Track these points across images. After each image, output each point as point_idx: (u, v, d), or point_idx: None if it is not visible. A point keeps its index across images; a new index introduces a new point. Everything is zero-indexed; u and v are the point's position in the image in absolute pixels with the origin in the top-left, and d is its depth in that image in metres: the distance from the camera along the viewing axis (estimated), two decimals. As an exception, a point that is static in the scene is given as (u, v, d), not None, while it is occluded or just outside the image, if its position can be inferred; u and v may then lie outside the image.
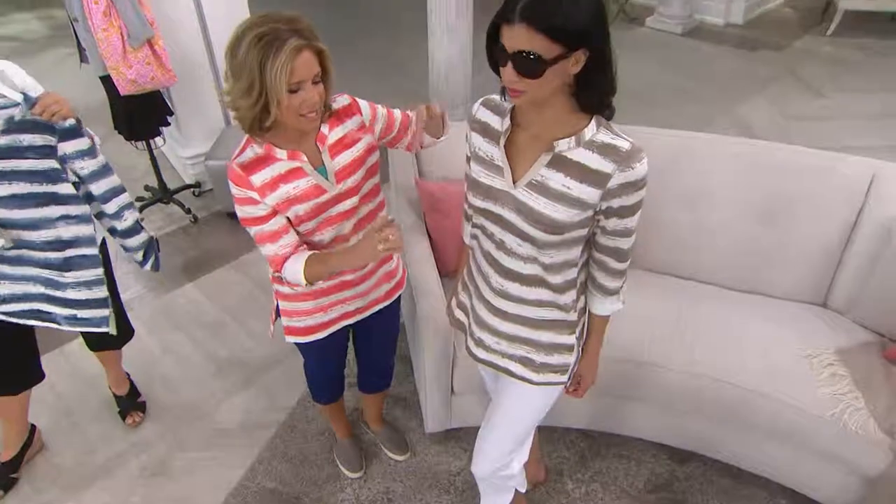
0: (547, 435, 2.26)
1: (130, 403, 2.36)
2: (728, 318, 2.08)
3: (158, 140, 3.27)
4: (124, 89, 2.85)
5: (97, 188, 1.73)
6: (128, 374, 2.39)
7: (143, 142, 3.22)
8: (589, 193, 1.14)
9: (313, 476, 2.17)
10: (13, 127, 1.53)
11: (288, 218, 1.42)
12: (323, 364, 1.89)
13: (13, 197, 1.60)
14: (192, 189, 3.62)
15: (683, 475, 2.16)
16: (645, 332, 2.02)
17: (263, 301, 2.93)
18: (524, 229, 1.19)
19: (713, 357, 1.95)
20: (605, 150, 1.12)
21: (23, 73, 1.66)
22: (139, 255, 1.93)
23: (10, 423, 2.08)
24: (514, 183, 1.19)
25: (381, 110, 1.53)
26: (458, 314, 1.55)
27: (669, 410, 2.05)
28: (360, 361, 2.00)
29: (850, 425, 1.76)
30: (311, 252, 1.44)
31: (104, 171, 1.73)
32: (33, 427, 2.21)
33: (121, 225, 1.83)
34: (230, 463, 2.22)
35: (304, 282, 1.41)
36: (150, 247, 1.95)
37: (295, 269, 1.41)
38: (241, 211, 1.41)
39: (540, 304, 1.31)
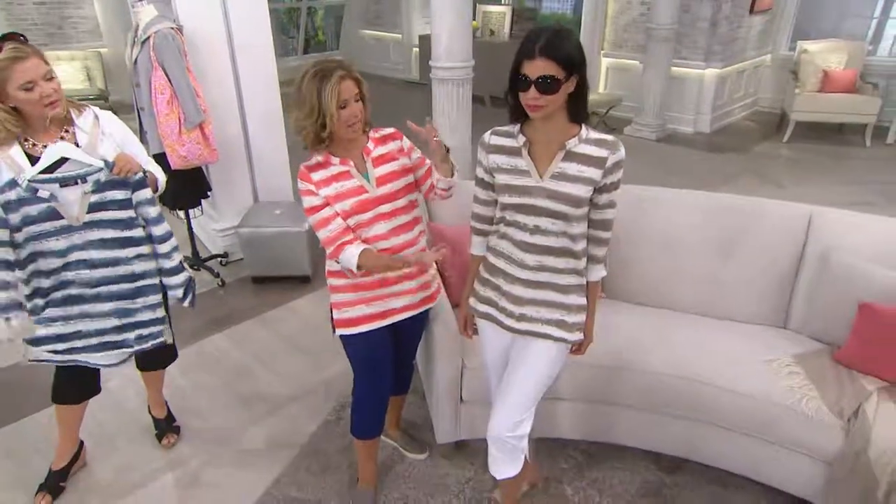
0: (546, 448, 2.49)
1: (167, 426, 2.59)
2: (699, 335, 2.42)
3: (196, 211, 3.72)
4: (175, 164, 3.34)
5: (157, 230, 2.10)
6: (166, 402, 2.63)
7: (184, 212, 3.67)
8: (595, 173, 1.62)
9: (334, 484, 2.37)
10: (100, 187, 1.94)
11: (337, 212, 1.82)
12: (367, 366, 2.04)
13: (102, 240, 1.99)
14: (219, 258, 4.01)
15: (672, 483, 2.38)
16: (627, 344, 2.34)
17: (284, 349, 3.23)
18: (556, 209, 1.63)
19: (688, 362, 2.26)
20: (599, 142, 1.63)
21: (118, 122, 2.11)
22: (180, 292, 2.22)
23: (66, 434, 2.31)
24: (541, 178, 1.63)
25: (418, 151, 1.99)
26: (483, 308, 1.87)
27: (654, 413, 2.31)
28: None
29: (807, 411, 2.04)
30: (367, 246, 1.83)
31: (160, 217, 2.10)
32: (82, 443, 2.42)
33: (169, 263, 2.15)
34: (257, 476, 2.41)
35: (355, 265, 1.80)
36: (189, 285, 2.25)
37: (351, 255, 1.80)
38: (305, 202, 1.84)
39: (568, 271, 1.72)
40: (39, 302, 1.99)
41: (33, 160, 1.88)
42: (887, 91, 6.57)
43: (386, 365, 2.08)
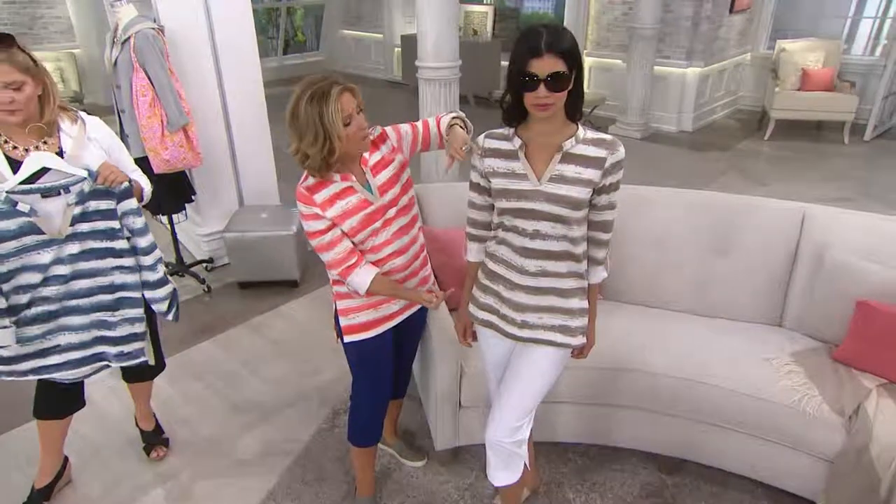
0: (546, 453, 2.46)
1: (155, 438, 2.51)
2: (696, 334, 2.41)
3: (180, 216, 3.63)
4: (158, 168, 3.25)
5: (141, 242, 2.02)
6: (153, 414, 2.55)
7: (167, 217, 3.57)
8: (594, 174, 1.57)
9: (331, 494, 2.32)
10: (84, 197, 1.86)
11: (343, 231, 1.75)
12: (372, 371, 2.01)
13: (84, 252, 1.92)
14: (205, 264, 3.92)
15: (673, 483, 2.37)
16: (624, 345, 2.32)
17: (273, 354, 3.16)
18: (555, 212, 1.58)
19: (686, 362, 2.24)
20: (597, 142, 1.58)
21: (105, 129, 2.03)
22: (164, 306, 2.14)
23: (49, 449, 2.22)
24: (538, 181, 1.59)
25: (405, 127, 1.90)
26: (483, 315, 1.82)
27: (653, 414, 2.30)
28: None
29: (808, 410, 2.04)
30: (378, 271, 1.79)
31: (145, 228, 2.03)
32: (66, 458, 2.34)
33: (153, 276, 2.07)
34: (251, 488, 2.35)
35: (364, 291, 1.79)
36: (174, 298, 2.18)
37: (362, 280, 1.78)
38: (307, 226, 1.75)
39: (569, 275, 1.68)
40: (13, 318, 1.90)
41: (14, 164, 1.80)
42: (863, 89, 6.68)
43: (389, 369, 2.05)
